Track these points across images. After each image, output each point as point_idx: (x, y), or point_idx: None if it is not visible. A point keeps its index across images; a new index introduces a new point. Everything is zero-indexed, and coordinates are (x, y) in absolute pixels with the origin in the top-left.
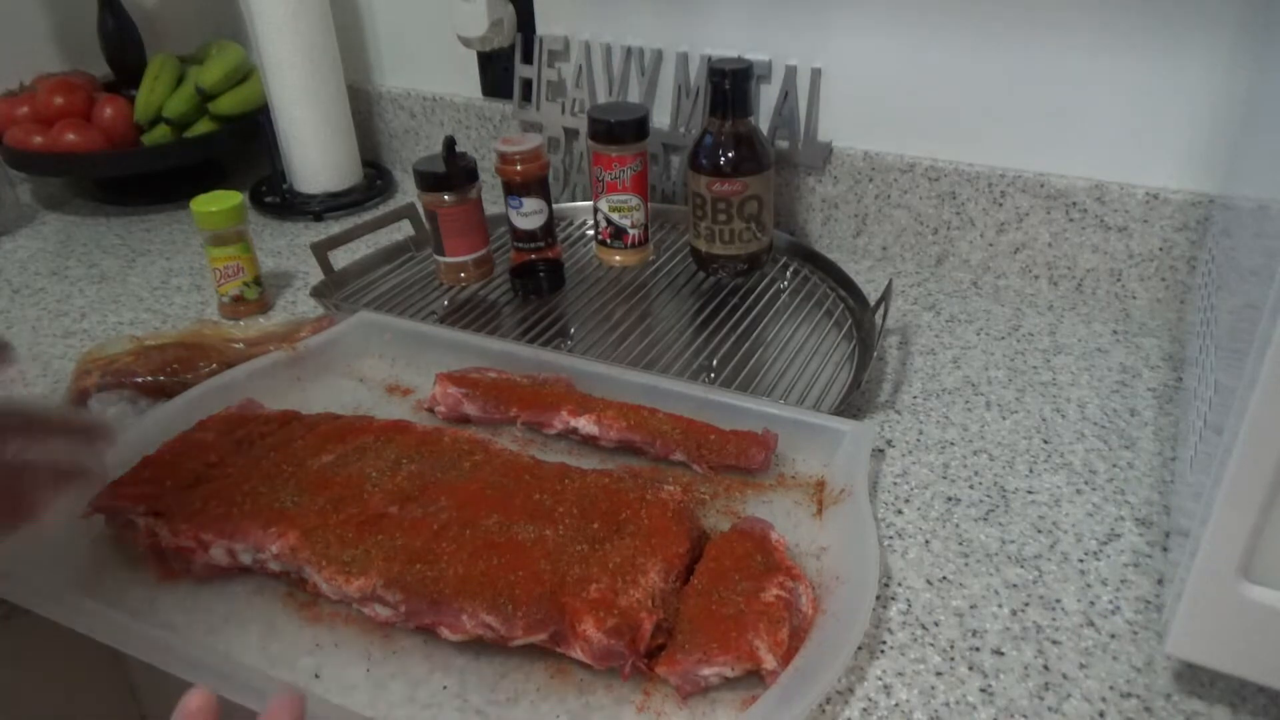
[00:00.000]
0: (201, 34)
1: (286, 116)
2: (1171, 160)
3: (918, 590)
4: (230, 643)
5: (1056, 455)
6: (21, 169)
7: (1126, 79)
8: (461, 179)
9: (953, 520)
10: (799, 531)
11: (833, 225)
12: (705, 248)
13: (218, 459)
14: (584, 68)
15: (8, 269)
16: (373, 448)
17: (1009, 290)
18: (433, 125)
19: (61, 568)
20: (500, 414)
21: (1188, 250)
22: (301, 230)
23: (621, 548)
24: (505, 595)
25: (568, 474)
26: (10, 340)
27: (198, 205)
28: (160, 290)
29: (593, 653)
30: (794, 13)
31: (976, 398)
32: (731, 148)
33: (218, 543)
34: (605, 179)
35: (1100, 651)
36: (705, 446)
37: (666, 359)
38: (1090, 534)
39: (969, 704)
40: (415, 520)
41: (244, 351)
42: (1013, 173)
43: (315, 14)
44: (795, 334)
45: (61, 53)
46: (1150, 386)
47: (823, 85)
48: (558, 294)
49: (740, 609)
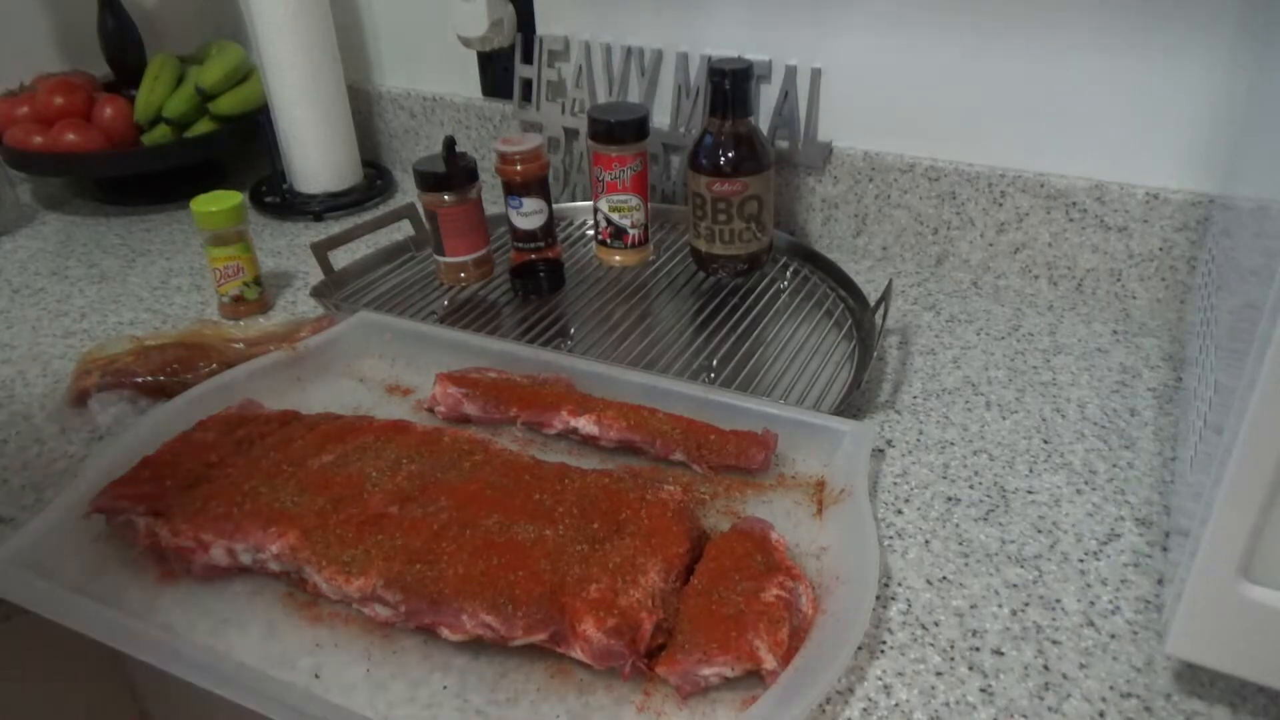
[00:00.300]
0: (201, 34)
1: (286, 116)
2: (1171, 160)
3: (918, 590)
4: (230, 643)
5: (1056, 455)
6: (21, 169)
7: (1126, 79)
8: (461, 179)
9: (953, 520)
10: (799, 531)
11: (833, 225)
12: (705, 248)
13: (218, 459)
14: (584, 68)
15: (8, 269)
16: (373, 448)
17: (1009, 290)
18: (433, 125)
19: (61, 568)
20: (500, 414)
21: (1188, 250)
22: (301, 230)
23: (621, 548)
24: (505, 595)
25: (568, 474)
26: (10, 340)
27: (198, 205)
28: (160, 290)
29: (593, 653)
30: (794, 13)
31: (976, 398)
32: (731, 148)
33: (218, 543)
34: (605, 179)
35: (1100, 651)
36: (705, 446)
37: (666, 359)
38: (1090, 534)
39: (969, 704)
40: (415, 520)
41: (244, 351)
42: (1013, 173)
43: (315, 14)
44: (795, 334)
45: (61, 53)
46: (1150, 386)
47: (823, 85)
48: (558, 294)
49: (740, 609)
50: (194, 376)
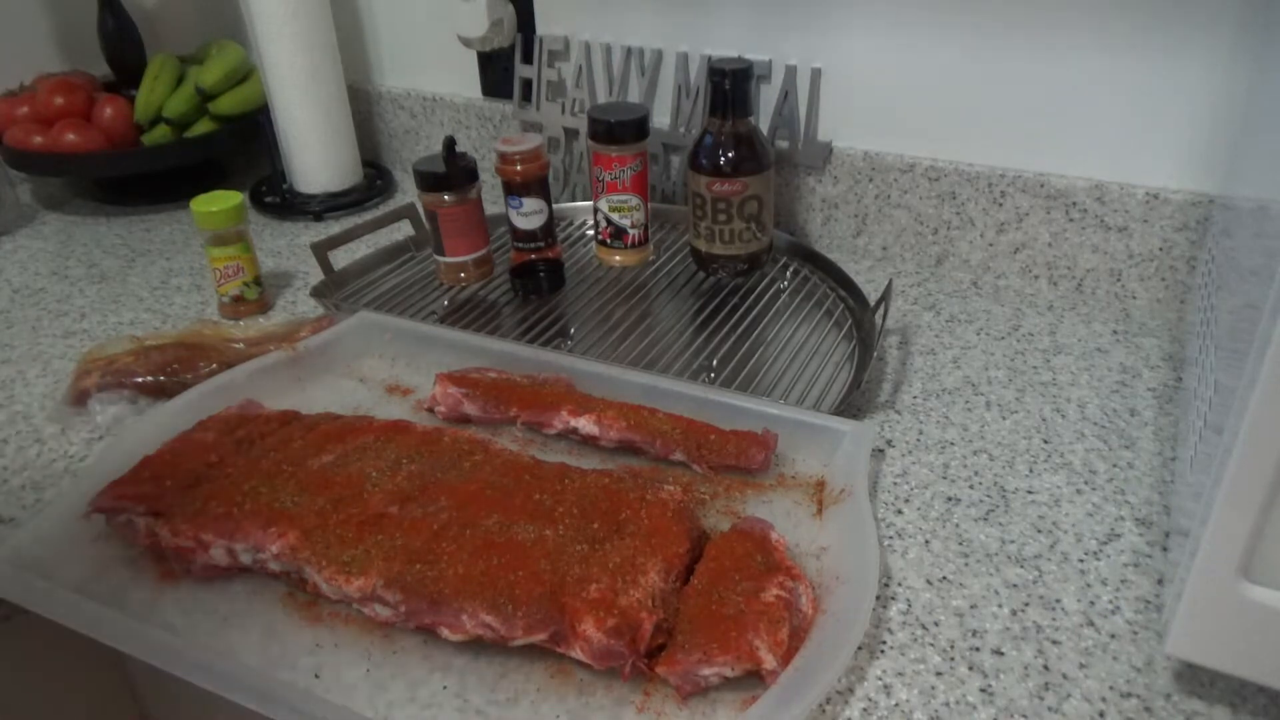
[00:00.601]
0: (201, 34)
1: (286, 116)
2: (1171, 160)
3: (918, 590)
4: (230, 643)
5: (1056, 455)
6: (21, 169)
7: (1126, 79)
8: (461, 179)
9: (953, 520)
10: (799, 531)
11: (833, 225)
12: (705, 248)
13: (218, 459)
14: (584, 68)
15: (8, 269)
16: (373, 448)
17: (1009, 290)
18: (433, 125)
19: (61, 568)
20: (500, 414)
21: (1188, 250)
22: (301, 230)
23: (621, 548)
24: (505, 595)
25: (568, 474)
26: (10, 340)
27: (198, 205)
28: (160, 290)
29: (593, 653)
30: (794, 13)
31: (976, 398)
32: (731, 148)
33: (218, 543)
34: (605, 179)
35: (1100, 651)
36: (705, 446)
37: (666, 359)
38: (1090, 534)
39: (969, 704)
40: (415, 520)
41: (244, 351)
42: (1013, 173)
43: (315, 14)
44: (795, 334)
45: (61, 53)
46: (1150, 386)
47: (823, 85)
48: (558, 294)
49: (740, 609)
50: (194, 376)
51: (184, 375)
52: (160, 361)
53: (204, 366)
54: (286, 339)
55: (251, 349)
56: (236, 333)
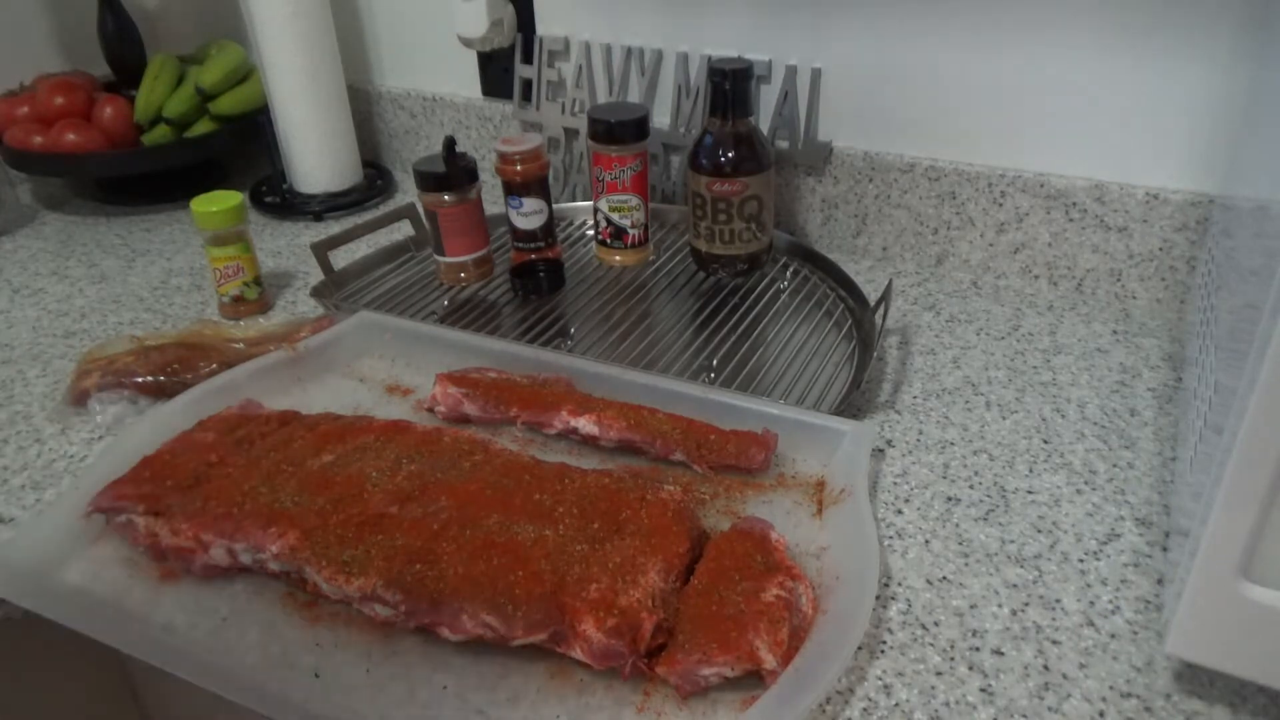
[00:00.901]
0: (201, 34)
1: (286, 116)
2: (1171, 160)
3: (918, 590)
4: (230, 643)
5: (1056, 455)
6: (21, 169)
7: (1126, 79)
8: (461, 179)
9: (953, 520)
10: (799, 531)
11: (833, 225)
12: (705, 248)
13: (218, 459)
14: (584, 68)
15: (8, 269)
16: (373, 448)
17: (1009, 290)
18: (433, 125)
19: (62, 568)
20: (500, 414)
21: (1188, 250)
22: (301, 230)
23: (621, 548)
24: (505, 595)
25: (568, 474)
26: (10, 340)
27: (198, 205)
28: (160, 290)
29: (593, 653)
30: (794, 13)
31: (976, 398)
32: (731, 148)
33: (218, 543)
34: (605, 179)
35: (1100, 651)
36: (705, 446)
37: (666, 359)
38: (1090, 534)
39: (969, 704)
40: (415, 520)
41: (244, 351)
42: (1013, 173)
43: (315, 14)
44: (795, 334)
45: (61, 53)
46: (1150, 386)
47: (823, 85)
48: (558, 294)
49: (740, 609)
50: (194, 376)
51: (184, 375)
52: (160, 361)
53: (204, 366)
54: (286, 339)
55: (251, 349)
56: (236, 333)
